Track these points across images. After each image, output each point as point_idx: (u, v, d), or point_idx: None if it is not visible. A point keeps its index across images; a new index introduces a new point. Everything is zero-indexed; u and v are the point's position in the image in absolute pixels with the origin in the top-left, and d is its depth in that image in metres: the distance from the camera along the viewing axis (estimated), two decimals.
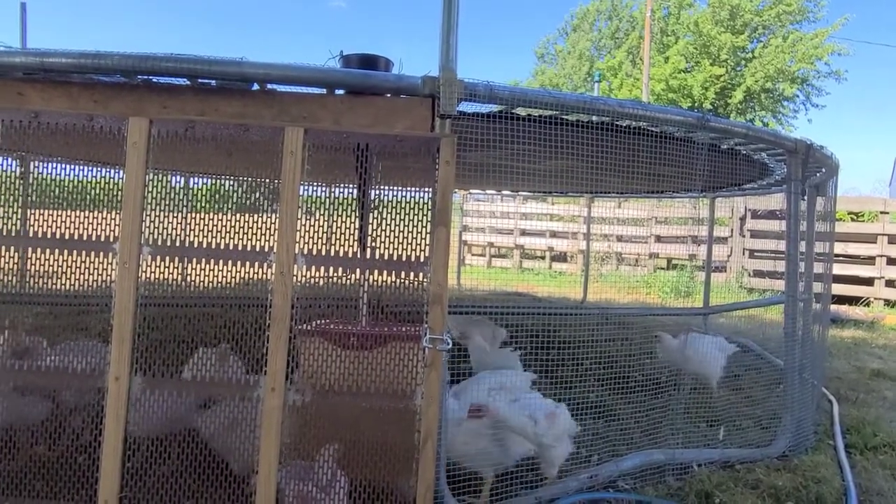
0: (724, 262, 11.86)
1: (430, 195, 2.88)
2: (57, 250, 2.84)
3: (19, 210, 2.92)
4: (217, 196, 3.17)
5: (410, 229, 2.87)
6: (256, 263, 2.82)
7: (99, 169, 2.96)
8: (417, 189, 2.93)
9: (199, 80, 2.96)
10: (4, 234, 2.83)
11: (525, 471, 3.30)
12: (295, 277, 2.81)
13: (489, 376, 3.55)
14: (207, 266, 2.85)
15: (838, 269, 9.04)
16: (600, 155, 3.64)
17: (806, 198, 4.57)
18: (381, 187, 2.98)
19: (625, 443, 3.77)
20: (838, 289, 9.56)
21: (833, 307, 7.82)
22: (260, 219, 2.89)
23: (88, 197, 2.91)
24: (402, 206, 2.91)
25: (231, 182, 3.24)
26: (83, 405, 2.93)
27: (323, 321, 3.04)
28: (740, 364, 5.42)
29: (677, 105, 27.19)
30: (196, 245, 2.83)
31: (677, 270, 11.92)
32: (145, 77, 2.94)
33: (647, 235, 13.13)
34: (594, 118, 3.61)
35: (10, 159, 2.89)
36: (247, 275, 2.97)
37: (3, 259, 2.83)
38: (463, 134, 3.07)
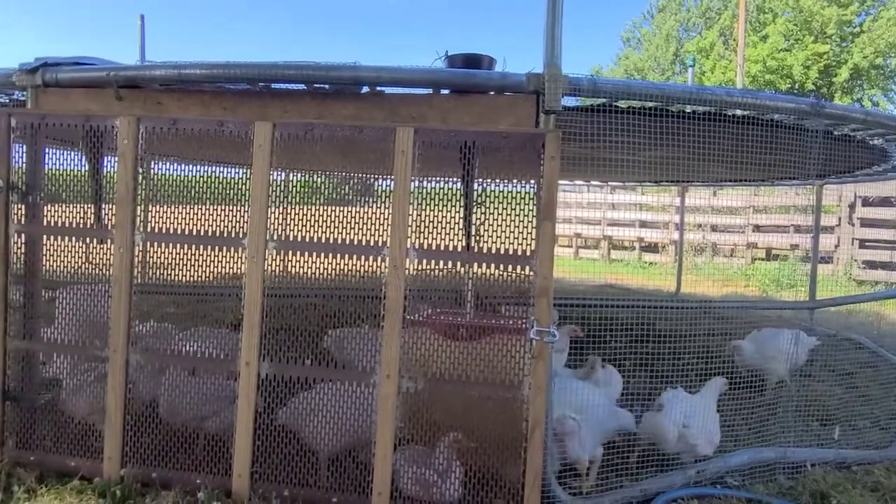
0: (831, 252, 11.17)
1: (535, 190, 2.94)
2: (194, 245, 3.11)
3: (149, 210, 3.22)
4: (333, 193, 3.36)
5: (517, 224, 2.94)
6: (371, 257, 2.98)
7: (228, 169, 3.22)
8: (522, 184, 3.00)
9: (315, 85, 3.15)
10: (151, 231, 3.12)
11: (630, 462, 3.31)
12: (407, 270, 2.94)
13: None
14: (326, 260, 3.04)
15: None
16: (703, 144, 3.56)
17: None
18: (487, 183, 3.06)
19: (731, 439, 3.70)
20: None
21: None
22: (374, 214, 3.04)
23: (220, 195, 3.16)
24: (508, 201, 2.98)
25: (344, 179, 3.42)
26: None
27: (433, 312, 3.17)
28: (854, 361, 5.14)
29: (775, 87, 25.67)
30: (316, 240, 3.02)
31: (778, 261, 11.34)
32: (267, 84, 3.15)
33: (744, 225, 12.55)
34: (699, 108, 3.54)
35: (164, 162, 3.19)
36: (359, 267, 3.15)
37: (150, 254, 3.13)
38: (561, 127, 3.09)
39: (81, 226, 3.21)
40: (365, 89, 3.17)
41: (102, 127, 3.11)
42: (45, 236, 3.24)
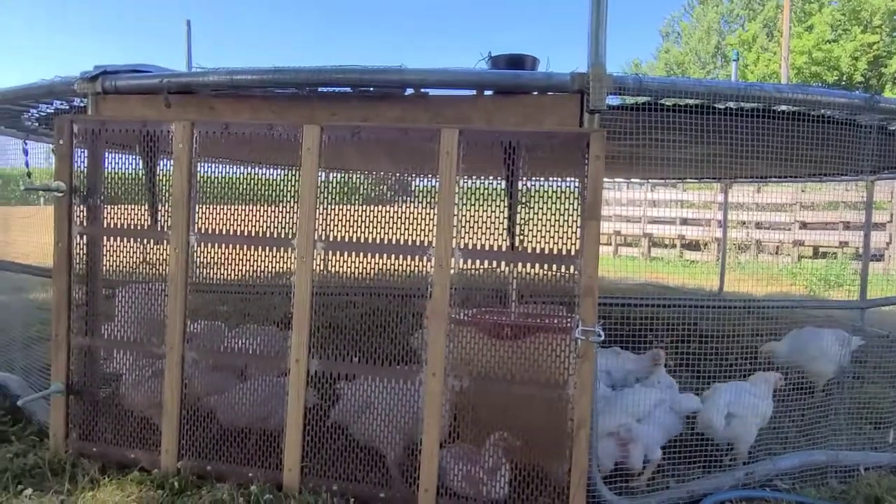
0: (883, 249, 10.80)
1: (579, 190, 2.94)
2: (245, 245, 3.21)
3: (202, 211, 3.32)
4: (377, 194, 3.41)
5: (561, 223, 2.94)
6: (417, 257, 3.03)
7: (278, 170, 3.30)
8: (567, 183, 3.00)
9: (360, 88, 3.20)
10: (204, 232, 3.23)
11: (676, 463, 3.29)
12: (452, 270, 2.98)
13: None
14: (373, 259, 3.10)
15: None
16: (749, 140, 3.50)
17: None
18: (531, 183, 3.08)
19: (779, 441, 3.63)
20: None
21: None
22: (419, 215, 3.08)
23: (269, 196, 3.25)
24: (552, 200, 2.99)
25: (388, 180, 3.47)
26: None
27: (477, 311, 3.20)
28: None
29: (822, 79, 24.87)
30: (363, 240, 3.08)
31: (826, 259, 11.02)
32: (314, 88, 3.22)
33: (790, 222, 12.23)
34: (746, 105, 3.48)
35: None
36: (402, 266, 3.19)
37: (203, 254, 3.24)
38: (604, 125, 3.08)
39: (138, 227, 3.34)
40: (409, 91, 3.21)
41: (158, 131, 3.23)
42: (104, 237, 3.38)
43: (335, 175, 3.22)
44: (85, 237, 3.36)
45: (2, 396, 4.02)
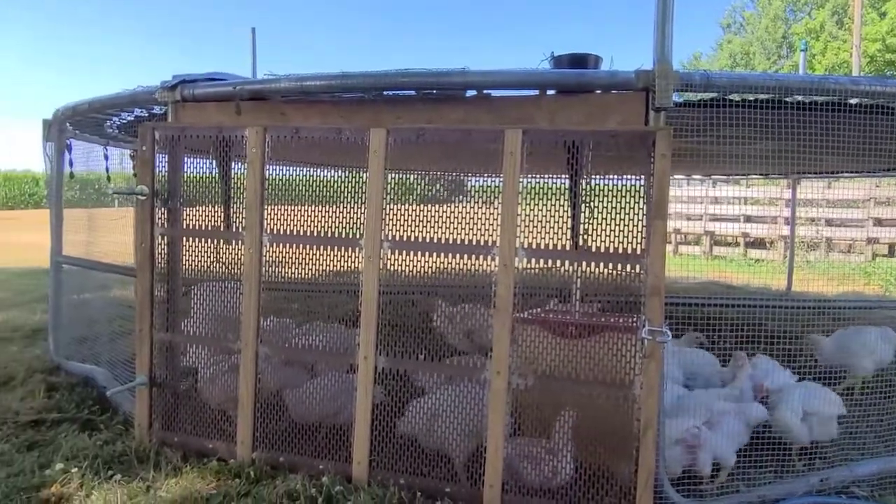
0: None
1: (645, 188, 2.92)
2: (315, 245, 3.32)
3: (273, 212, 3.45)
4: (442, 194, 3.47)
5: (626, 222, 2.93)
6: (481, 256, 3.07)
7: (346, 172, 3.41)
8: (632, 182, 2.98)
9: (424, 91, 3.27)
10: (276, 232, 3.36)
11: (745, 467, 3.22)
12: (516, 269, 3.01)
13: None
14: (438, 259, 3.16)
15: None
16: (820, 134, 3.38)
17: None
18: (595, 182, 3.07)
19: (856, 447, 3.50)
20: None
21: None
22: (483, 214, 3.12)
23: (337, 198, 3.35)
24: (617, 200, 2.97)
25: (454, 181, 3.53)
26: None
27: (541, 310, 3.22)
28: None
29: None
30: (428, 240, 3.15)
31: None
32: (380, 92, 3.31)
33: (863, 219, 11.66)
34: (818, 98, 3.36)
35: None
36: (464, 266, 3.24)
37: (274, 253, 3.37)
38: (670, 122, 3.04)
39: (214, 228, 3.51)
40: (471, 93, 3.25)
41: (232, 137, 3.38)
42: (183, 238, 3.56)
43: (401, 176, 3.29)
44: (165, 238, 3.55)
45: (90, 388, 4.30)
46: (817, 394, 3.48)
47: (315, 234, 3.32)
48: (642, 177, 2.93)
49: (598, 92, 3.15)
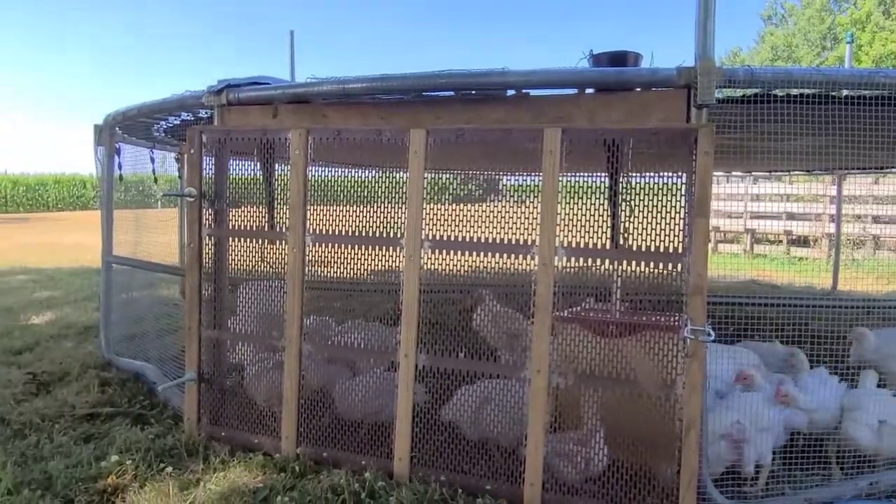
0: None
1: (687, 186, 2.89)
2: (356, 245, 3.38)
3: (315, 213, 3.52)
4: (482, 193, 3.50)
5: (668, 220, 2.91)
6: (520, 255, 3.08)
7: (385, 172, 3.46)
8: (673, 180, 2.96)
9: (463, 92, 3.29)
10: (318, 232, 3.43)
11: (791, 469, 3.16)
12: (555, 268, 3.01)
13: None
14: (478, 258, 3.18)
15: None
16: (868, 129, 3.29)
17: None
18: (635, 180, 3.05)
19: None
20: None
21: None
22: (522, 213, 3.13)
23: (377, 198, 3.40)
24: (658, 198, 2.96)
25: (492, 180, 3.55)
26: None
27: (581, 309, 3.22)
28: None
29: None
30: (468, 239, 3.17)
31: None
32: (419, 93, 3.35)
33: None
34: (867, 93, 3.28)
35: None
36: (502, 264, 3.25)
37: (317, 253, 3.44)
38: (712, 119, 3.01)
39: (259, 228, 3.60)
40: (510, 93, 3.27)
41: (275, 139, 3.46)
42: (229, 238, 3.66)
43: (440, 176, 3.33)
44: (212, 238, 3.65)
45: (140, 383, 4.45)
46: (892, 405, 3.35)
47: (356, 233, 3.38)
48: (684, 174, 2.90)
49: (638, 90, 3.13)
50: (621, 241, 3.03)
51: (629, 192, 3.05)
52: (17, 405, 4.05)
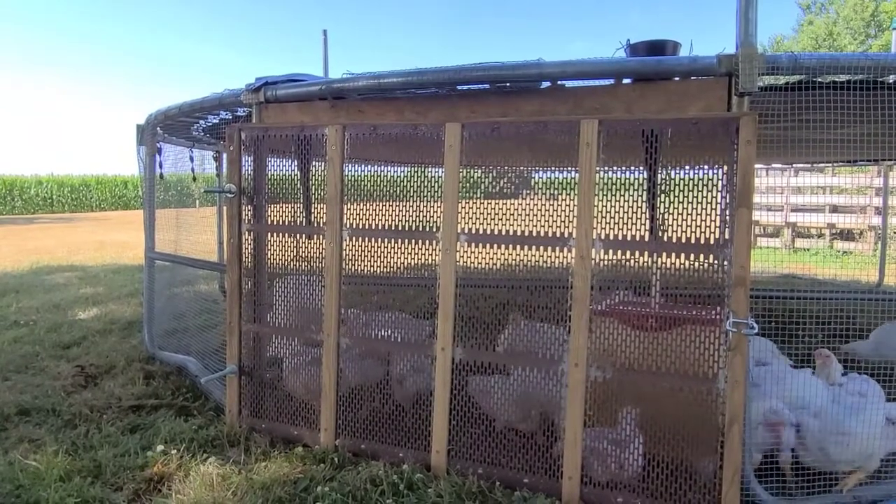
0: None
1: (728, 177, 2.84)
2: (393, 239, 3.40)
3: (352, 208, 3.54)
4: (517, 186, 3.48)
5: (709, 212, 2.86)
6: (556, 248, 3.06)
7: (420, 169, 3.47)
8: (714, 171, 2.90)
9: (498, 84, 3.28)
10: (355, 227, 3.46)
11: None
12: (593, 261, 2.98)
13: None
14: (514, 251, 3.17)
15: None
16: None
17: None
18: (677, 171, 3.00)
19: None
20: None
21: None
22: (558, 206, 3.11)
23: (415, 192, 3.42)
24: (699, 189, 2.90)
25: (528, 173, 3.53)
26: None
27: (619, 302, 3.18)
28: None
29: None
30: (504, 232, 3.17)
31: None
32: (454, 87, 3.35)
33: None
34: None
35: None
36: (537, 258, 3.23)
37: (354, 248, 3.47)
38: (754, 108, 2.94)
39: (296, 223, 3.65)
40: (545, 84, 3.24)
41: (312, 135, 3.50)
42: (268, 234, 3.72)
43: (472, 173, 3.33)
44: (252, 234, 3.72)
45: (183, 376, 4.56)
46: None
47: (393, 227, 3.40)
48: (725, 165, 2.85)
49: (677, 79, 3.08)
50: (660, 234, 2.98)
51: (668, 183, 3.01)
52: (68, 397, 4.20)
